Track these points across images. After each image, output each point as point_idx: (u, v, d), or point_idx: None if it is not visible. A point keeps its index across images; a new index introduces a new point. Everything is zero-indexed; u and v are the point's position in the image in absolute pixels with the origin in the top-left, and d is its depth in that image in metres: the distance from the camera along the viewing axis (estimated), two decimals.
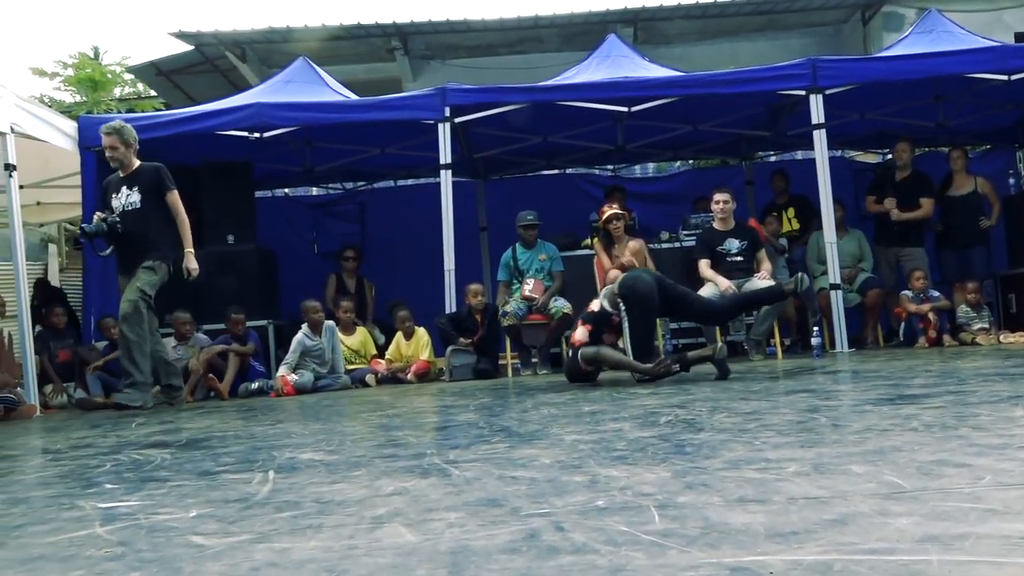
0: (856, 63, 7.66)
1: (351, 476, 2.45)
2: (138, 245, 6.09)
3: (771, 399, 3.85)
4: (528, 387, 5.80)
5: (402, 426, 3.91)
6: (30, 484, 2.79)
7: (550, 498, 1.95)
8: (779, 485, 1.93)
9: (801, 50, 12.02)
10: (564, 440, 2.92)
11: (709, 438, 2.75)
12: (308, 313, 7.20)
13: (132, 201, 6.16)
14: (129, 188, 6.19)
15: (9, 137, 6.36)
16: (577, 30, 12.44)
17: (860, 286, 7.82)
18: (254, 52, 12.57)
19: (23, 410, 6.22)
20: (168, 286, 7.83)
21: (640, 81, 7.52)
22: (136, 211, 6.15)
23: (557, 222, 8.37)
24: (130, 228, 6.11)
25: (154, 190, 6.19)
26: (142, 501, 2.27)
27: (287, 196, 10.50)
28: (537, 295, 7.29)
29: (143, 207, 6.16)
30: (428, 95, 7.53)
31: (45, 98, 16.05)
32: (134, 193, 6.17)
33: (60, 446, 3.96)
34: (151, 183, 6.20)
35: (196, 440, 3.74)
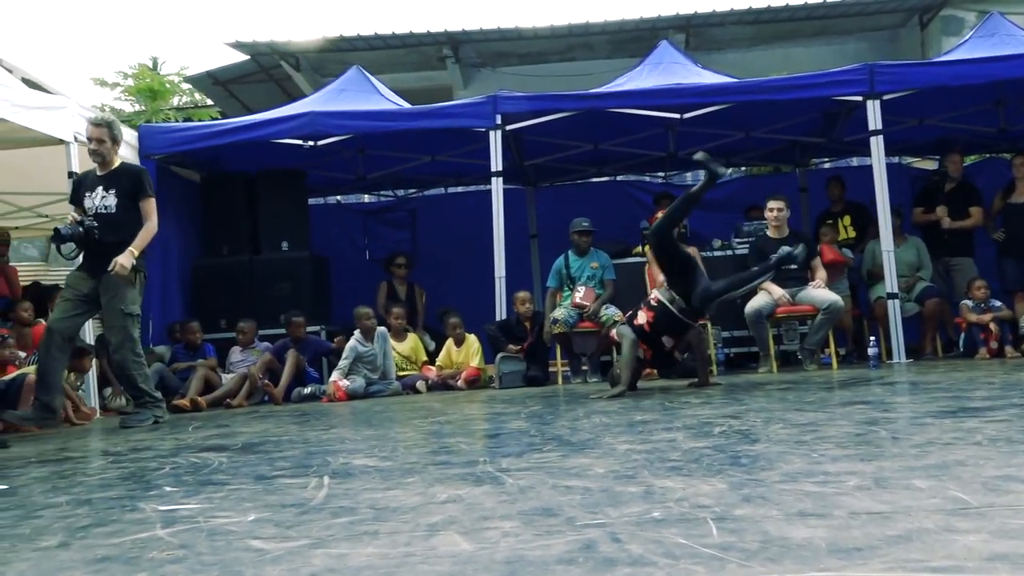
0: (915, 68, 7.51)
1: (405, 483, 2.46)
2: (111, 251, 5.52)
3: (827, 410, 3.78)
4: (578, 395, 5.77)
5: (453, 433, 3.92)
6: (93, 486, 2.85)
7: (605, 508, 1.94)
8: (840, 499, 1.89)
9: (856, 55, 11.84)
10: (617, 450, 2.91)
11: (765, 449, 2.71)
12: (360, 319, 7.26)
13: (107, 204, 5.63)
14: (106, 189, 5.66)
15: (72, 146, 6.51)
16: (628, 36, 12.40)
17: (919, 295, 7.65)
18: (308, 61, 12.75)
19: (83, 413, 6.36)
20: (221, 292, 8.00)
21: (693, 88, 7.46)
22: (109, 215, 5.60)
23: (608, 229, 8.32)
24: (102, 233, 5.56)
25: (131, 195, 5.64)
26: (201, 504, 2.30)
27: (339, 203, 10.61)
28: (588, 303, 7.26)
29: (117, 212, 5.62)
30: (480, 103, 7.56)
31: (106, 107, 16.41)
32: (110, 196, 5.64)
33: (120, 448, 4.04)
34: (129, 187, 5.66)
35: (252, 444, 3.79)
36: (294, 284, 8.09)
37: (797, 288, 6.99)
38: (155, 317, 7.67)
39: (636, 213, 9.32)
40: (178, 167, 8.29)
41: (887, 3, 11.78)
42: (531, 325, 7.36)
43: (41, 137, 6.29)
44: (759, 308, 6.92)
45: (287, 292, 8.00)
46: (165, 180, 7.93)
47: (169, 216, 7.97)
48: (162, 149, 7.72)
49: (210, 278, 8.19)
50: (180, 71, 16.85)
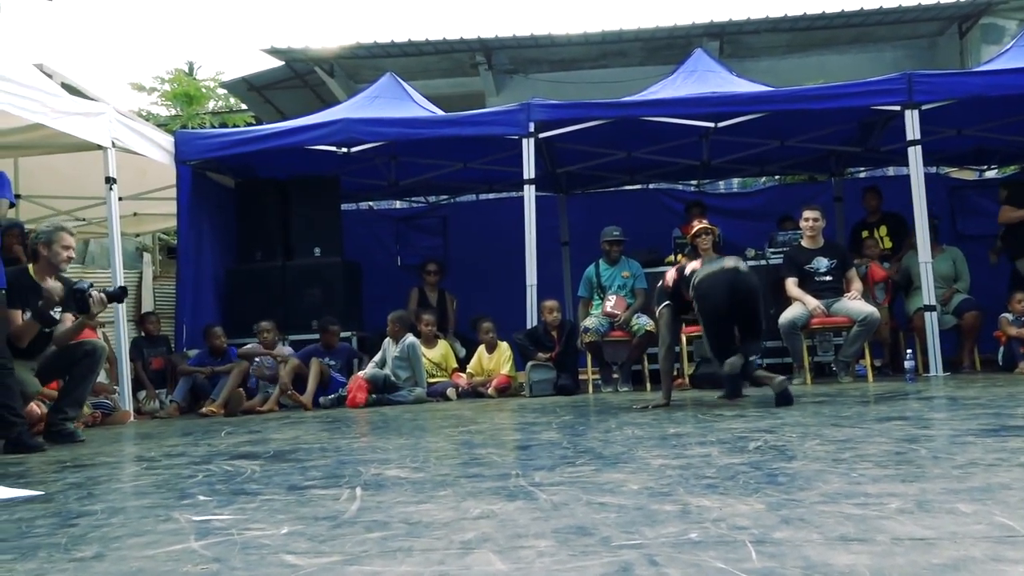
0: (954, 77, 7.40)
1: (437, 496, 2.45)
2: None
3: (864, 426, 3.72)
4: (610, 405, 5.74)
5: (485, 443, 3.90)
6: (127, 493, 2.87)
7: (641, 528, 1.91)
8: (882, 523, 1.85)
9: (894, 63, 11.70)
10: (651, 464, 2.87)
11: (802, 467, 2.66)
12: (390, 323, 7.30)
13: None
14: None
15: (110, 151, 6.60)
16: (661, 44, 12.35)
17: (956, 308, 7.53)
18: (341, 68, 12.82)
19: (118, 416, 6.43)
20: (254, 297, 8.05)
21: (728, 97, 7.41)
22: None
23: (639, 238, 8.30)
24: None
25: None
26: (234, 515, 2.30)
27: (371, 209, 10.66)
28: (619, 312, 7.23)
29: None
30: (513, 111, 7.56)
31: (143, 112, 16.64)
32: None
33: (154, 454, 4.07)
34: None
35: (283, 452, 3.80)
36: (326, 290, 8.13)
37: (832, 299, 6.91)
38: (188, 321, 7.74)
39: (668, 221, 9.28)
40: (213, 173, 8.38)
41: (926, 11, 11.62)
42: (559, 334, 7.33)
43: (80, 142, 6.38)
44: (793, 319, 6.84)
45: (319, 298, 8.05)
46: (200, 186, 8.02)
47: (203, 222, 8.07)
48: (197, 155, 7.80)
49: (243, 283, 8.26)
50: (216, 76, 17.09)
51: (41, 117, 5.78)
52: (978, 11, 11.66)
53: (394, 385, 7.05)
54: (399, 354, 7.18)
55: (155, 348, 7.97)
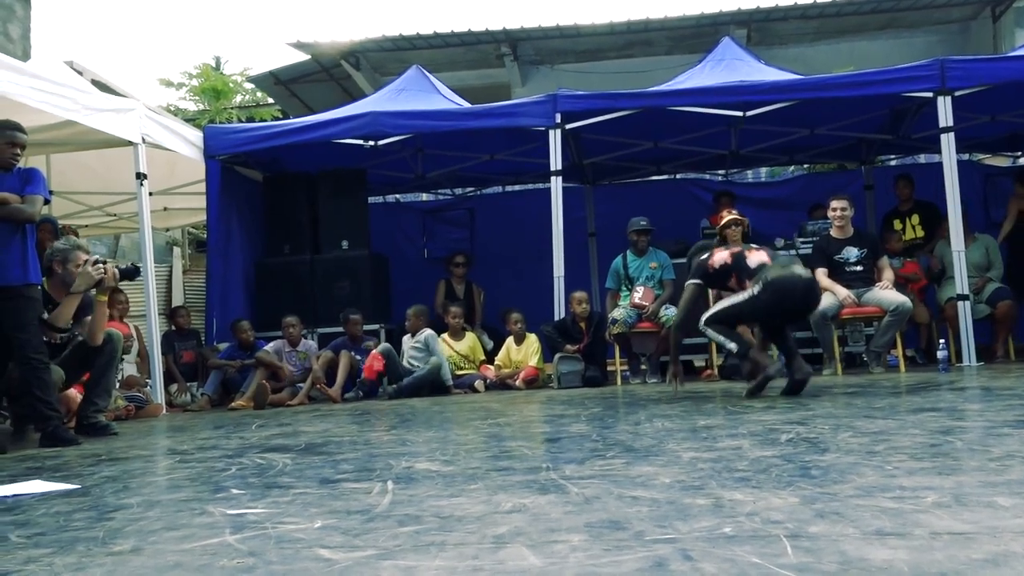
0: (988, 63, 7.27)
1: (469, 490, 2.45)
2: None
3: (898, 418, 3.68)
4: (639, 397, 5.72)
5: (514, 436, 3.90)
6: (161, 487, 2.90)
7: (674, 522, 1.90)
8: (919, 517, 1.83)
9: (925, 49, 11.53)
10: (682, 458, 2.86)
11: (836, 460, 2.64)
12: (408, 318, 7.43)
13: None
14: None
15: (140, 147, 6.66)
16: (688, 33, 12.25)
17: (989, 297, 7.42)
18: (367, 61, 12.84)
19: (150, 409, 6.51)
20: (283, 291, 8.10)
21: (756, 85, 7.34)
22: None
23: (667, 228, 8.24)
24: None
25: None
26: (268, 509, 2.32)
27: (398, 202, 10.67)
28: (647, 303, 7.20)
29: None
30: (539, 101, 7.53)
31: (171, 107, 16.79)
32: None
33: (187, 447, 4.11)
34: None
35: (314, 445, 3.83)
36: (354, 283, 8.16)
37: (863, 289, 6.84)
38: (218, 315, 7.80)
39: (696, 211, 9.21)
40: (241, 167, 8.43)
41: None
42: (587, 325, 7.31)
43: (110, 138, 6.44)
44: (824, 309, 6.76)
45: (347, 291, 8.08)
46: (228, 180, 8.07)
47: (232, 215, 8.13)
48: (226, 150, 7.85)
49: (272, 277, 8.30)
50: (243, 71, 17.23)
51: (73, 114, 5.84)
52: None
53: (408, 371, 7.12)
54: (416, 344, 7.22)
55: (186, 342, 8.06)
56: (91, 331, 5.04)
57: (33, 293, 4.68)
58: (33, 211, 4.64)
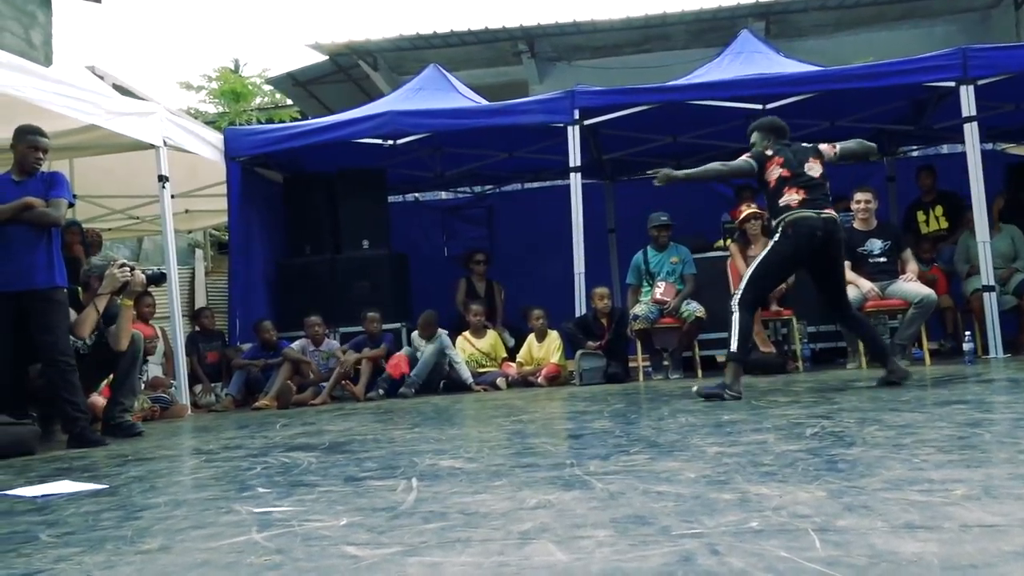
0: (1011, 51, 7.18)
1: (493, 486, 2.45)
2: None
3: (924, 411, 3.65)
4: (661, 393, 5.70)
5: (537, 433, 3.90)
6: (188, 486, 2.92)
7: (700, 517, 1.89)
8: (948, 510, 1.81)
9: (946, 38, 11.39)
10: (706, 452, 2.85)
11: (862, 454, 2.62)
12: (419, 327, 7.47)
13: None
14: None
15: (162, 150, 6.71)
16: (706, 26, 12.17)
17: (1016, 288, 7.33)
18: (385, 60, 12.87)
19: (175, 409, 6.56)
20: (304, 291, 8.14)
21: (776, 77, 7.29)
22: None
23: (687, 223, 8.21)
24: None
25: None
26: (294, 507, 2.33)
27: (417, 200, 10.69)
28: (669, 298, 7.17)
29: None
30: (557, 98, 7.52)
31: (191, 110, 16.89)
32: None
33: (212, 447, 4.14)
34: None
35: (338, 443, 3.84)
36: (374, 282, 8.19)
37: (887, 281, 6.78)
38: (240, 315, 7.85)
39: (717, 206, 9.15)
40: (262, 168, 8.47)
41: None
42: (608, 321, 7.30)
43: (132, 142, 6.49)
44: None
45: (368, 290, 8.10)
46: (249, 181, 8.12)
47: (253, 217, 8.18)
48: (246, 151, 7.89)
49: (294, 277, 8.35)
50: (261, 73, 17.30)
51: (95, 118, 5.89)
52: None
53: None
54: (435, 348, 7.25)
55: (210, 342, 8.11)
56: (116, 336, 5.08)
57: (59, 296, 4.73)
58: (58, 215, 4.69)
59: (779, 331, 7.42)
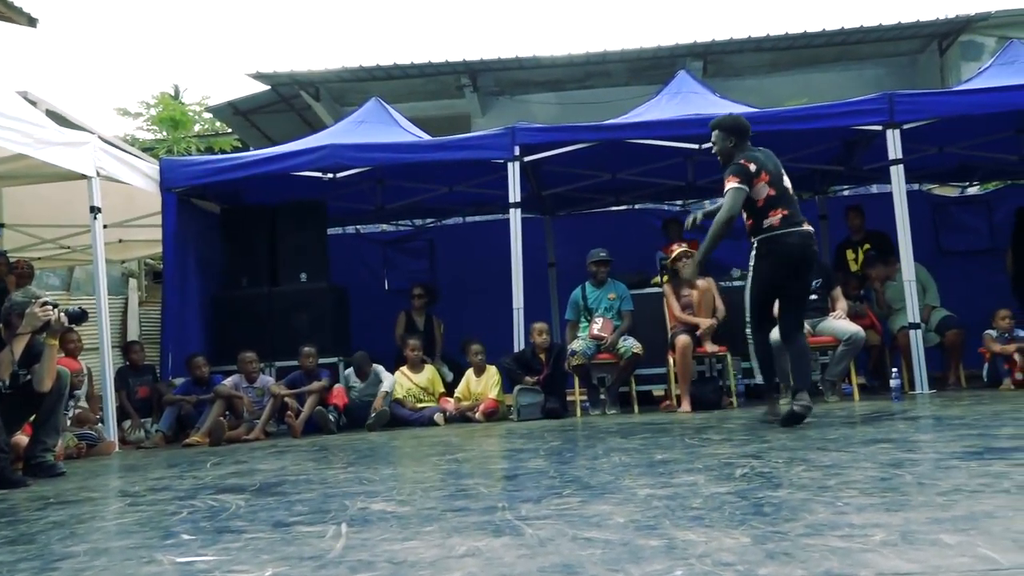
0: (934, 97, 7.46)
1: (423, 532, 2.44)
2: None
3: (850, 450, 3.73)
4: (598, 429, 5.73)
5: (472, 473, 3.89)
6: (110, 532, 2.84)
7: (626, 565, 1.90)
8: (866, 557, 1.85)
9: (876, 80, 11.82)
10: (637, 495, 2.87)
11: (788, 496, 2.67)
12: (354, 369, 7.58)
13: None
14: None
15: (95, 181, 6.58)
16: (646, 64, 12.43)
17: (938, 325, 7.56)
18: (327, 91, 12.85)
19: (102, 447, 6.38)
20: (241, 324, 8.01)
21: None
22: None
23: (626, 258, 8.30)
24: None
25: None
26: (218, 556, 2.29)
27: (358, 233, 10.65)
28: (606, 334, 7.23)
29: None
30: (498, 135, 7.58)
31: (128, 137, 16.63)
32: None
33: (138, 488, 4.04)
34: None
35: (269, 485, 3.78)
36: (313, 315, 8.10)
37: (818, 318, 6.93)
38: (173, 349, 7.69)
39: (655, 242, 9.29)
40: (198, 199, 8.36)
41: (905, 29, 11.76)
42: (547, 356, 7.32)
43: (64, 172, 6.36)
44: (780, 339, 6.85)
45: (306, 324, 8.02)
46: (185, 212, 8.00)
47: (189, 248, 8.05)
48: (183, 182, 7.79)
49: (230, 310, 8.23)
50: (201, 101, 17.13)
51: (25, 148, 5.76)
52: (957, 29, 11.81)
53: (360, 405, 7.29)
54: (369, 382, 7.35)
55: (140, 377, 7.91)
56: (40, 377, 4.92)
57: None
58: None
59: (714, 367, 7.51)
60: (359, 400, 7.38)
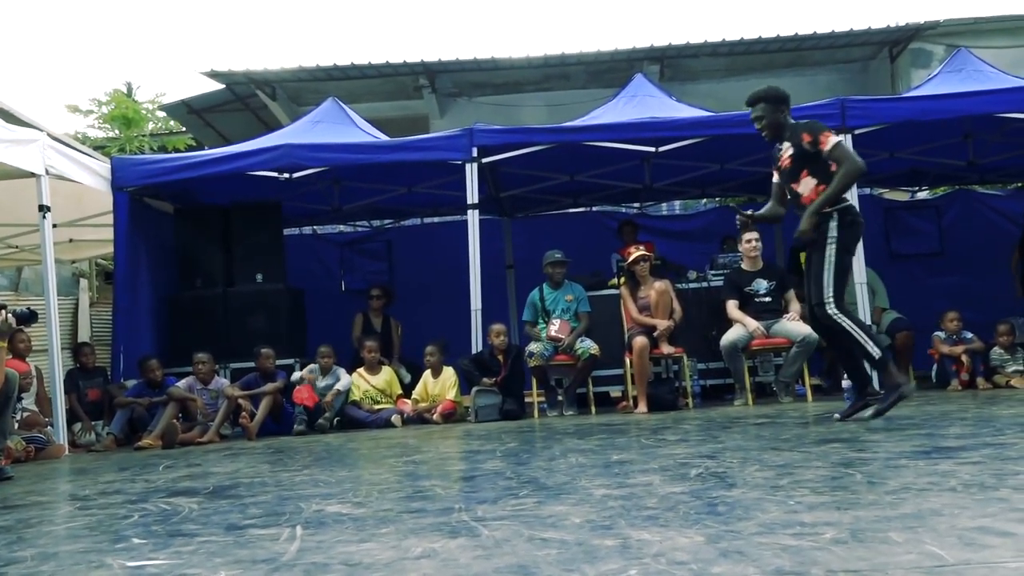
0: (885, 103, 7.61)
1: (379, 534, 2.43)
2: None
3: (803, 450, 3.78)
4: (555, 431, 5.75)
5: (429, 475, 3.88)
6: (59, 537, 2.79)
7: (581, 565, 1.91)
8: (816, 555, 1.88)
9: (828, 86, 12.01)
10: (593, 495, 2.88)
11: (742, 496, 2.70)
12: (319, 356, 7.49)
13: None
14: None
15: (44, 179, 6.45)
16: (604, 67, 12.49)
17: (889, 327, 7.71)
18: (284, 91, 12.73)
19: (52, 450, 6.25)
20: (195, 326, 7.91)
21: (667, 122, 7.52)
22: None
23: (584, 260, 8.36)
24: None
25: None
26: (170, 559, 2.26)
27: (315, 233, 10.57)
28: (563, 336, 7.26)
29: None
30: (456, 136, 7.57)
31: (79, 135, 16.32)
32: None
33: (88, 492, 3.97)
34: None
35: (223, 487, 3.73)
36: (269, 317, 8.03)
37: (772, 321, 7.03)
38: (125, 352, 7.56)
39: (612, 244, 9.36)
40: (151, 199, 8.23)
41: (857, 36, 11.97)
42: (505, 358, 7.33)
43: (11, 170, 6.22)
44: (735, 341, 6.96)
45: (262, 325, 7.94)
46: (137, 212, 7.87)
47: (141, 249, 7.92)
48: (135, 181, 7.66)
49: (183, 312, 8.12)
50: (155, 99, 16.86)
51: None
52: (907, 37, 12.03)
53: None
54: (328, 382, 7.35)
55: (91, 379, 7.76)
56: None
57: None
58: None
59: (670, 368, 7.58)
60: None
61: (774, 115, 5.17)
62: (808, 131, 4.96)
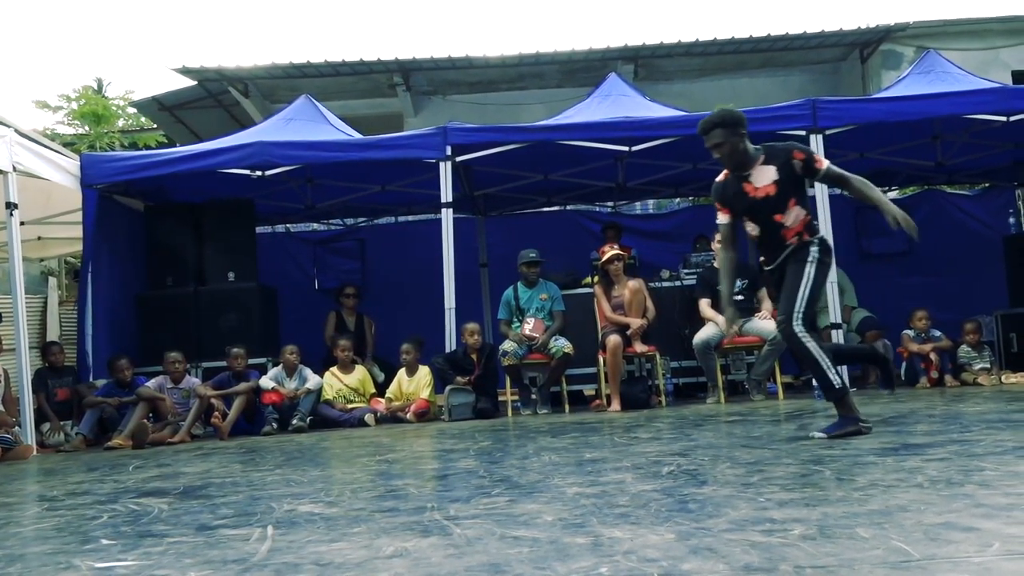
0: (856, 104, 7.68)
1: (351, 533, 2.42)
2: None
3: (773, 447, 3.82)
4: (528, 429, 5.76)
5: (402, 474, 3.87)
6: (27, 538, 2.76)
7: (553, 563, 1.92)
8: (785, 551, 1.90)
9: (800, 87, 12.12)
10: (566, 493, 2.89)
11: (712, 493, 2.72)
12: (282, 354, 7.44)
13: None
14: None
15: (11, 176, 6.36)
16: (578, 67, 12.52)
17: (859, 326, 7.80)
18: (257, 88, 12.64)
19: (19, 450, 6.17)
20: (166, 325, 7.83)
21: (641, 121, 7.54)
22: None
23: (558, 259, 8.37)
24: None
25: None
26: (139, 560, 2.24)
27: (288, 232, 10.50)
28: (537, 334, 7.27)
29: None
30: (430, 134, 7.55)
31: (47, 131, 16.09)
32: None
33: (57, 492, 3.92)
34: None
35: (194, 488, 3.71)
36: (241, 315, 7.96)
37: (744, 319, 7.08)
38: (93, 351, 7.47)
39: (586, 242, 9.38)
40: (121, 196, 8.13)
41: (829, 37, 12.08)
42: (479, 356, 7.33)
43: None
44: (707, 339, 7.00)
45: (234, 324, 7.87)
46: (107, 209, 7.78)
47: (110, 247, 7.83)
48: (105, 178, 7.57)
49: (154, 310, 8.03)
50: (125, 95, 16.65)
51: None
52: (878, 38, 12.17)
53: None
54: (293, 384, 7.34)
55: (60, 378, 7.66)
56: None
57: None
58: None
59: (644, 367, 7.62)
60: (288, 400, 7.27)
61: (734, 139, 4.46)
62: (800, 150, 4.55)
